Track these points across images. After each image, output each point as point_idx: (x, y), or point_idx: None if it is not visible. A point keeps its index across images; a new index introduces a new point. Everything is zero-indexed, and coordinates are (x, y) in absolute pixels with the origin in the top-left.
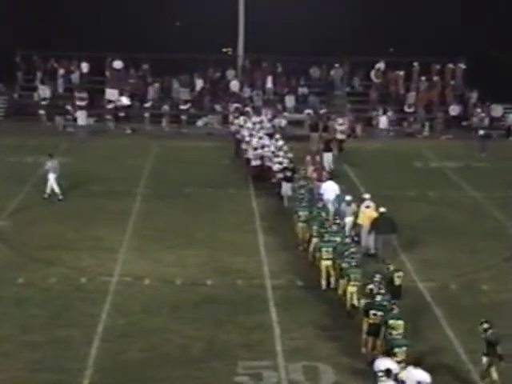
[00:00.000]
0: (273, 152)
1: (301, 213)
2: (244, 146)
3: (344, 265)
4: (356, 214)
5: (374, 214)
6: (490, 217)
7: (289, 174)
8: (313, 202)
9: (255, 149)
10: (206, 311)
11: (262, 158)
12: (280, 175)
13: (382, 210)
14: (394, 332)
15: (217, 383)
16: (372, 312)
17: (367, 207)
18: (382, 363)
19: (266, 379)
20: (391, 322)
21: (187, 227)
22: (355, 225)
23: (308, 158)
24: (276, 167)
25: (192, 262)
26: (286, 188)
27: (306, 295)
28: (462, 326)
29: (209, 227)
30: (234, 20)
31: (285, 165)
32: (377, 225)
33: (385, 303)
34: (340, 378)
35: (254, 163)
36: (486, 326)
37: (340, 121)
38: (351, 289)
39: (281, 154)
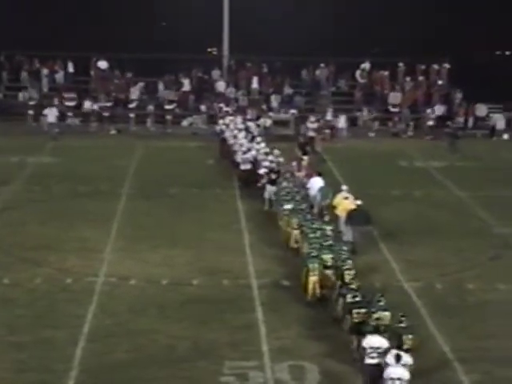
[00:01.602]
0: (266, 153)
1: (284, 206)
2: (233, 149)
3: (305, 253)
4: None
5: (352, 206)
6: (475, 216)
7: (273, 176)
8: (295, 196)
9: (245, 152)
10: (192, 311)
11: (251, 161)
12: (265, 179)
13: (359, 202)
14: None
15: (203, 383)
16: (355, 311)
17: (346, 198)
18: (372, 340)
19: (252, 379)
20: (379, 313)
21: (173, 227)
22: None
23: (294, 163)
24: (262, 171)
25: (178, 261)
26: (270, 191)
27: (292, 295)
28: (448, 325)
29: (194, 227)
30: (219, 20)
31: (270, 168)
32: (352, 217)
33: (366, 299)
34: (326, 376)
35: (243, 167)
36: (400, 318)
37: (312, 119)
38: (313, 278)
39: (270, 157)
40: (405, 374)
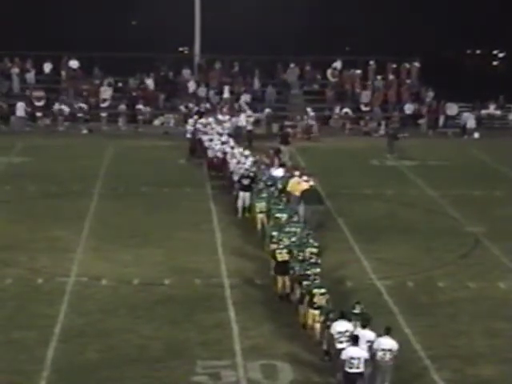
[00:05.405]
0: (238, 162)
1: (257, 204)
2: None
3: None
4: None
5: (305, 187)
6: (446, 215)
7: (246, 182)
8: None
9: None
10: (164, 311)
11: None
12: (237, 185)
13: (311, 183)
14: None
15: (175, 383)
16: (305, 283)
17: (298, 183)
18: (340, 325)
19: (224, 378)
20: (315, 291)
21: (144, 226)
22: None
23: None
24: (235, 177)
25: (149, 261)
26: (244, 198)
27: (264, 293)
28: (419, 323)
29: (166, 226)
30: (190, 19)
31: (241, 174)
32: (305, 196)
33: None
34: (298, 375)
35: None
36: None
37: (248, 112)
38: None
39: (240, 164)
40: (395, 346)
